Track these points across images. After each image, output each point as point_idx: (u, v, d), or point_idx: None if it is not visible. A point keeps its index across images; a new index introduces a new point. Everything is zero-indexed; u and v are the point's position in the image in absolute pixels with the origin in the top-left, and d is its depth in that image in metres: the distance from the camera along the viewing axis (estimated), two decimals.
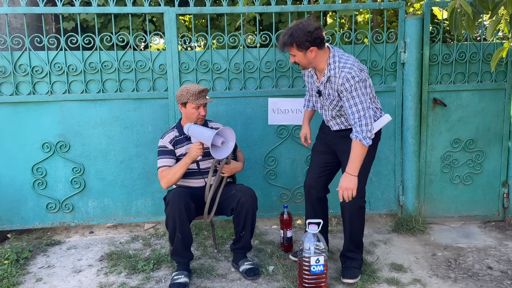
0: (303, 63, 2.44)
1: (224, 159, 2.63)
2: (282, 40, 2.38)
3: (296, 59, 2.42)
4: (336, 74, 2.37)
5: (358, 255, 2.70)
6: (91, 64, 3.25)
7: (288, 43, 2.36)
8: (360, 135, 2.34)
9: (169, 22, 3.25)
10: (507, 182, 3.52)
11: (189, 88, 2.64)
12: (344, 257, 2.72)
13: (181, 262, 2.67)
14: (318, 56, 2.40)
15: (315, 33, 2.32)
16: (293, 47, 2.36)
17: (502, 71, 3.41)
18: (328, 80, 2.43)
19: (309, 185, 2.80)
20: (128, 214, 3.46)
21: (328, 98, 2.49)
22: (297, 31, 2.32)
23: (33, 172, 3.31)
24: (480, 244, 3.16)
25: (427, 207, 3.53)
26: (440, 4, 3.38)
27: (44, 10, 3.16)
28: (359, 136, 2.34)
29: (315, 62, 2.43)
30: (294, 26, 2.36)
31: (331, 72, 2.40)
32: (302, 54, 2.38)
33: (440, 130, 3.45)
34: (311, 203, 2.83)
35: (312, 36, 2.32)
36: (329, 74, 2.41)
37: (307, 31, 2.31)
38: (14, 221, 3.36)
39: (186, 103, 2.66)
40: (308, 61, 2.42)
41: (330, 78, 2.41)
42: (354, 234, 2.67)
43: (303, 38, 2.31)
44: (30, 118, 3.25)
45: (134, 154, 3.38)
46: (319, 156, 2.79)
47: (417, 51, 3.31)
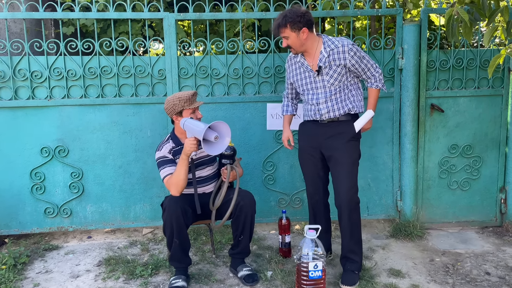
0: (296, 44, 2.57)
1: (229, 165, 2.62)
2: (276, 23, 2.57)
3: (289, 41, 2.57)
4: (338, 45, 2.57)
5: (359, 256, 2.71)
6: (90, 69, 3.26)
7: (283, 24, 2.53)
8: (380, 83, 2.67)
9: (168, 28, 3.27)
10: (505, 188, 3.53)
11: (179, 96, 2.58)
12: (345, 259, 2.72)
13: (179, 267, 2.67)
14: (309, 38, 2.57)
15: (306, 15, 2.53)
16: (287, 28, 2.52)
17: (499, 77, 3.44)
18: (329, 55, 2.57)
19: (312, 194, 2.86)
20: (126, 219, 3.46)
21: (329, 72, 2.60)
22: (290, 12, 2.52)
23: (32, 176, 3.31)
24: (478, 249, 3.17)
25: (425, 213, 3.53)
26: (437, 11, 3.41)
27: (43, 15, 3.17)
28: (379, 84, 2.67)
29: (307, 45, 2.59)
30: (287, 10, 2.57)
31: (331, 46, 2.58)
32: (295, 35, 2.53)
33: (438, 136, 3.46)
34: (314, 210, 2.89)
35: (304, 18, 2.52)
36: (329, 49, 2.57)
37: (300, 12, 2.52)
38: (12, 226, 3.36)
39: (182, 111, 2.61)
40: (300, 43, 2.57)
41: (332, 51, 2.57)
42: (354, 232, 2.68)
43: (296, 18, 2.50)
44: (29, 123, 3.26)
45: (132, 159, 3.38)
46: (309, 165, 2.82)
47: (415, 57, 3.33)
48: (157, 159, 2.68)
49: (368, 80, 2.67)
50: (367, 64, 2.62)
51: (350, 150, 2.65)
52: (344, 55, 2.55)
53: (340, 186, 2.64)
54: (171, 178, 2.55)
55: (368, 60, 2.62)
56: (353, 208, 2.66)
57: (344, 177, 2.63)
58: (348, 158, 2.64)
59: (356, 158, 2.68)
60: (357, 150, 2.70)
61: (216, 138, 2.43)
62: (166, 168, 2.61)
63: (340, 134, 2.64)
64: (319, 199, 2.86)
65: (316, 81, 2.65)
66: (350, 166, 2.64)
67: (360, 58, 2.59)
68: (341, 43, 2.56)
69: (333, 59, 2.57)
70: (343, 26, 4.65)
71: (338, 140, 2.65)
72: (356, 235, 2.70)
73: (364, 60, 2.60)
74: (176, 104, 2.59)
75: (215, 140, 2.44)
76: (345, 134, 2.64)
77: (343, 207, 2.65)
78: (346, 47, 2.55)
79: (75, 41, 3.21)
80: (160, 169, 2.63)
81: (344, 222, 2.68)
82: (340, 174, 2.64)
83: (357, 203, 2.68)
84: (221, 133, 2.49)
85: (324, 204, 2.89)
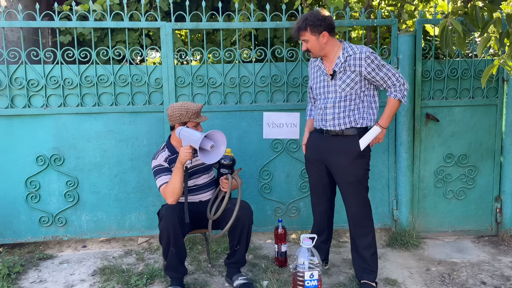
0: (315, 48, 2.54)
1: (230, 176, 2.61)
2: (296, 25, 2.53)
3: (309, 45, 2.54)
4: (356, 52, 2.51)
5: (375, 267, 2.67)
6: (87, 77, 3.27)
7: (303, 27, 2.49)
8: (400, 94, 2.53)
9: (165, 37, 3.28)
10: (500, 197, 3.55)
11: (188, 107, 2.59)
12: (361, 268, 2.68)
13: (174, 277, 2.65)
14: (329, 43, 2.53)
15: (328, 19, 2.50)
16: (307, 31, 2.49)
17: (493, 87, 3.47)
18: (345, 60, 2.53)
19: (314, 203, 2.87)
20: (121, 228, 3.44)
21: (342, 77, 2.54)
22: (311, 15, 2.48)
23: (27, 185, 3.29)
24: (474, 259, 3.17)
25: (421, 222, 3.54)
26: (432, 22, 3.45)
27: (41, 24, 3.19)
28: (399, 95, 2.52)
29: (327, 49, 2.55)
30: (308, 13, 2.52)
31: (349, 52, 2.52)
32: (315, 38, 2.50)
33: (433, 145, 3.48)
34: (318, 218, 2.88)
35: (325, 21, 2.48)
36: (347, 54, 2.52)
37: (321, 16, 2.48)
38: (6, 234, 3.33)
39: (186, 123, 2.62)
40: (320, 47, 2.53)
41: (349, 57, 2.52)
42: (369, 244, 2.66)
43: (317, 22, 2.47)
44: (24, 131, 3.25)
45: (128, 168, 3.38)
46: (314, 177, 2.82)
47: (410, 67, 3.36)
48: (153, 168, 2.67)
49: (388, 89, 2.55)
50: (387, 73, 2.50)
51: (355, 168, 2.57)
52: (360, 61, 2.48)
53: (347, 204, 2.65)
54: (167, 186, 2.55)
55: (389, 69, 2.51)
56: (363, 222, 2.64)
57: (349, 196, 2.62)
58: (353, 177, 2.58)
59: (362, 176, 2.59)
60: (364, 167, 2.60)
61: (212, 147, 2.44)
62: (162, 176, 2.60)
63: (345, 151, 2.57)
64: (322, 210, 2.85)
65: (329, 85, 2.60)
66: (356, 184, 2.59)
67: (379, 66, 2.49)
68: (360, 50, 2.50)
69: (348, 65, 2.51)
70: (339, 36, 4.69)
71: (342, 158, 2.57)
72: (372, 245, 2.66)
73: (383, 69, 2.49)
74: (183, 115, 2.59)
75: (211, 149, 2.44)
76: (350, 151, 2.56)
77: (354, 221, 2.64)
78: (364, 54, 2.47)
79: (72, 50, 3.22)
80: (156, 178, 2.63)
81: (357, 235, 2.66)
82: (345, 193, 2.64)
83: (367, 216, 2.65)
84: (216, 141, 2.49)
85: (328, 215, 2.88)
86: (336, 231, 3.65)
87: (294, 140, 3.44)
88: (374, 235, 2.70)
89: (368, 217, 2.66)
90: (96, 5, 3.84)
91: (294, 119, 3.31)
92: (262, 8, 4.73)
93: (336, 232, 3.65)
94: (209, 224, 2.66)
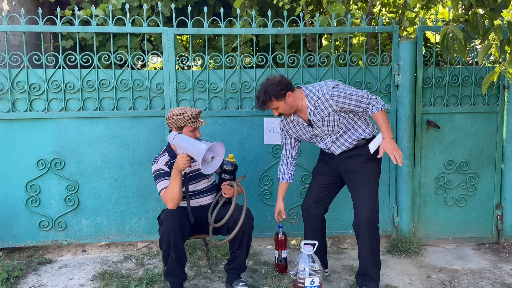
0: (286, 110, 2.61)
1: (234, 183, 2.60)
2: (260, 101, 2.57)
3: (280, 110, 2.61)
4: (319, 95, 2.57)
5: (377, 275, 2.67)
6: (89, 82, 3.27)
7: (268, 99, 2.55)
8: (377, 105, 2.56)
9: (167, 42, 3.29)
10: (501, 204, 3.54)
11: (184, 111, 2.59)
12: (362, 277, 2.69)
13: (174, 283, 2.64)
14: (295, 98, 2.60)
15: (283, 80, 2.56)
16: (273, 101, 2.56)
17: (494, 94, 3.47)
18: (315, 107, 2.58)
19: (309, 206, 2.84)
20: (121, 232, 3.43)
21: (322, 122, 2.61)
22: (269, 86, 2.54)
23: (27, 189, 3.29)
24: (475, 266, 3.16)
25: (422, 229, 3.53)
26: (432, 29, 3.46)
27: (43, 28, 3.20)
28: (378, 106, 2.55)
29: (296, 104, 2.61)
30: (263, 86, 2.57)
31: (314, 98, 2.58)
32: (283, 102, 2.57)
33: (434, 152, 3.48)
34: (310, 224, 2.86)
35: (283, 84, 2.54)
36: (313, 101, 2.58)
37: (277, 81, 2.54)
38: (5, 238, 3.32)
39: (183, 127, 2.62)
40: (289, 106, 2.60)
41: (316, 103, 2.57)
42: (374, 250, 2.66)
43: (277, 88, 2.53)
44: (25, 135, 3.25)
45: (129, 172, 3.37)
46: (321, 177, 2.83)
47: (411, 74, 3.37)
48: (153, 172, 2.67)
49: (367, 109, 2.58)
50: (357, 98, 2.54)
51: (368, 170, 2.65)
52: (328, 103, 2.55)
53: (359, 206, 2.64)
54: (166, 192, 2.55)
55: (357, 93, 2.55)
56: (373, 228, 2.64)
57: (362, 198, 2.63)
58: (365, 178, 2.64)
59: (374, 177, 2.66)
60: (375, 169, 2.68)
61: (213, 158, 2.44)
62: (163, 181, 2.60)
63: (357, 156, 2.66)
64: (316, 213, 2.83)
65: (316, 132, 2.68)
66: (368, 186, 2.63)
67: (346, 96, 2.53)
68: (322, 92, 2.55)
69: (321, 109, 2.58)
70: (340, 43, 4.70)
71: (355, 161, 2.66)
72: (375, 254, 2.67)
73: (352, 96, 2.54)
74: (179, 119, 2.59)
75: (211, 160, 2.44)
76: (362, 155, 2.65)
77: (362, 226, 2.63)
78: (327, 95, 2.53)
79: (74, 54, 3.23)
80: (157, 182, 2.63)
81: (363, 241, 2.65)
82: (358, 195, 2.65)
83: (376, 221, 2.66)
84: (215, 152, 2.49)
85: (321, 218, 2.88)
86: (337, 237, 3.64)
87: None
88: (379, 243, 2.69)
89: (375, 225, 2.65)
90: (98, 10, 3.86)
91: None
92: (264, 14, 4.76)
93: (337, 238, 3.64)
94: (210, 229, 2.65)
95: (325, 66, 3.41)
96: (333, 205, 3.45)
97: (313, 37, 4.43)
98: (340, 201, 3.43)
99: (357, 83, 3.41)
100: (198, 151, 2.38)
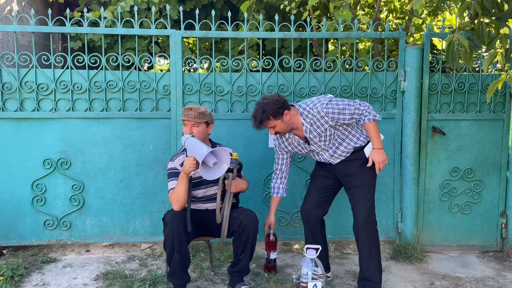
0: (283, 128, 2.64)
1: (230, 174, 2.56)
2: (258, 120, 2.59)
3: (277, 128, 2.64)
4: (314, 113, 2.61)
5: (379, 279, 2.68)
6: (96, 83, 3.30)
7: (265, 118, 2.58)
8: (369, 115, 2.59)
9: (174, 45, 3.32)
10: (506, 212, 3.52)
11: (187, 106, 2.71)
12: (364, 281, 2.69)
13: (177, 284, 2.64)
14: (291, 116, 2.64)
15: (279, 99, 2.58)
16: (270, 120, 2.59)
17: (500, 102, 3.47)
18: (311, 124, 2.62)
19: (309, 209, 2.84)
20: (125, 233, 3.44)
21: (319, 138, 2.66)
22: (266, 105, 2.56)
23: (33, 188, 3.31)
24: (479, 274, 3.14)
25: (426, 235, 3.52)
26: (439, 36, 3.46)
27: (52, 29, 3.23)
28: (370, 117, 2.58)
29: (292, 122, 2.65)
30: (260, 105, 2.59)
31: (308, 116, 2.62)
32: (280, 121, 2.60)
33: (439, 158, 3.47)
34: (310, 227, 2.86)
35: (280, 103, 2.57)
36: (308, 119, 2.63)
37: (274, 100, 2.57)
38: (10, 237, 3.34)
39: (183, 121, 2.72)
40: (286, 125, 2.63)
41: (311, 120, 2.63)
42: (373, 254, 2.67)
43: (275, 107, 2.55)
44: (33, 134, 3.28)
45: (134, 173, 3.39)
46: (320, 180, 2.87)
47: (417, 80, 3.37)
48: (168, 170, 2.71)
49: (360, 120, 2.63)
50: (350, 111, 2.58)
51: (364, 173, 2.71)
52: (324, 119, 2.61)
53: (357, 209, 2.68)
54: (173, 193, 2.57)
55: (349, 107, 2.58)
56: (371, 229, 2.67)
57: (359, 200, 2.68)
58: (362, 181, 2.69)
59: (371, 180, 2.72)
60: (371, 173, 2.73)
61: (215, 164, 2.41)
62: (173, 181, 2.63)
63: (353, 160, 2.73)
64: (316, 216, 2.84)
65: (313, 148, 2.73)
66: (365, 188, 2.68)
67: (340, 112, 2.58)
68: (316, 110, 2.59)
69: (317, 126, 2.63)
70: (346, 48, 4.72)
71: (352, 165, 2.73)
72: (375, 257, 2.68)
73: (345, 111, 2.58)
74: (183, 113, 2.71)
75: (213, 166, 2.43)
76: (358, 160, 2.72)
77: (361, 228, 2.66)
78: (322, 112, 2.58)
79: (82, 55, 3.26)
80: (168, 180, 2.67)
81: (362, 243, 2.67)
82: (356, 197, 2.70)
83: (374, 223, 2.69)
84: (220, 159, 2.46)
85: (321, 220, 2.89)
86: (340, 242, 3.64)
87: None
88: (379, 247, 2.69)
89: (373, 227, 2.68)
90: (107, 12, 3.89)
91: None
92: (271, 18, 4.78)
93: (340, 243, 3.63)
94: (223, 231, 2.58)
95: (331, 71, 3.42)
96: (337, 210, 3.46)
97: (319, 42, 4.44)
98: (344, 206, 3.43)
99: (363, 89, 3.42)
100: (198, 154, 2.39)
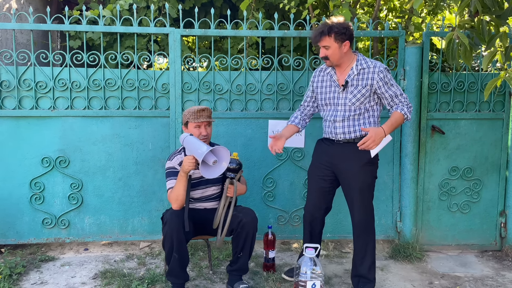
0: (335, 56, 2.54)
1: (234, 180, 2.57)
2: (319, 29, 2.51)
3: (329, 51, 2.53)
4: (370, 66, 2.56)
5: (372, 276, 2.69)
6: (95, 81, 3.29)
7: (326, 32, 2.49)
8: (406, 110, 2.55)
9: (173, 43, 3.31)
10: (505, 212, 3.52)
11: (190, 109, 2.68)
12: (358, 278, 2.70)
13: (176, 283, 2.64)
14: (348, 53, 2.56)
15: (351, 29, 2.53)
16: (331, 38, 2.50)
17: (499, 101, 3.46)
18: (358, 73, 2.57)
19: (313, 210, 2.82)
20: (124, 232, 3.44)
21: (355, 89, 2.57)
22: (337, 23, 2.50)
23: (31, 186, 3.30)
24: (477, 273, 3.14)
25: (425, 234, 3.51)
26: (439, 34, 3.46)
27: (51, 27, 3.22)
28: (406, 110, 2.54)
29: (344, 58, 2.57)
30: (330, 21, 2.52)
31: (363, 65, 2.57)
32: (337, 46, 2.52)
33: (438, 158, 3.47)
34: (311, 227, 2.85)
35: (349, 31, 2.51)
36: (360, 67, 2.57)
37: (346, 24, 2.51)
38: (9, 235, 3.33)
39: (187, 123, 2.68)
40: (340, 55, 2.54)
41: (363, 70, 2.57)
42: (368, 252, 2.67)
43: (342, 30, 2.48)
44: (31, 133, 3.27)
45: (133, 172, 3.38)
46: (318, 180, 2.80)
47: (416, 79, 3.36)
48: (166, 169, 2.70)
49: (395, 105, 2.59)
50: (396, 91, 2.57)
51: (365, 174, 2.63)
52: (373, 75, 2.54)
53: (353, 210, 2.67)
54: (172, 191, 2.56)
55: (397, 88, 2.58)
56: (367, 229, 2.66)
57: (356, 202, 2.64)
58: (361, 183, 2.62)
59: (370, 183, 2.66)
60: (372, 174, 2.68)
61: (214, 162, 2.41)
62: (172, 180, 2.62)
63: (355, 158, 2.61)
64: (318, 217, 2.83)
65: (339, 97, 2.63)
66: (363, 190, 2.63)
67: (388, 83, 2.56)
68: (374, 64, 2.56)
69: (361, 78, 2.56)
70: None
71: (352, 165, 2.61)
72: (370, 254, 2.68)
73: (393, 88, 2.57)
74: (185, 115, 2.69)
75: (213, 165, 2.43)
76: (361, 158, 2.60)
77: (358, 228, 2.67)
78: (377, 69, 2.54)
79: (81, 53, 3.25)
80: (167, 180, 2.66)
81: (358, 242, 2.68)
82: (353, 199, 2.66)
83: (371, 223, 2.68)
84: (220, 157, 2.47)
85: (322, 221, 2.88)
86: (339, 241, 3.63)
87: (298, 148, 3.44)
88: (374, 245, 2.70)
89: (370, 226, 2.68)
90: (105, 11, 3.88)
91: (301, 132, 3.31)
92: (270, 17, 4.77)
93: (339, 242, 3.63)
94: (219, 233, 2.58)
95: None
96: (335, 210, 3.45)
97: None
98: (343, 205, 3.40)
99: None
100: (198, 152, 2.39)
